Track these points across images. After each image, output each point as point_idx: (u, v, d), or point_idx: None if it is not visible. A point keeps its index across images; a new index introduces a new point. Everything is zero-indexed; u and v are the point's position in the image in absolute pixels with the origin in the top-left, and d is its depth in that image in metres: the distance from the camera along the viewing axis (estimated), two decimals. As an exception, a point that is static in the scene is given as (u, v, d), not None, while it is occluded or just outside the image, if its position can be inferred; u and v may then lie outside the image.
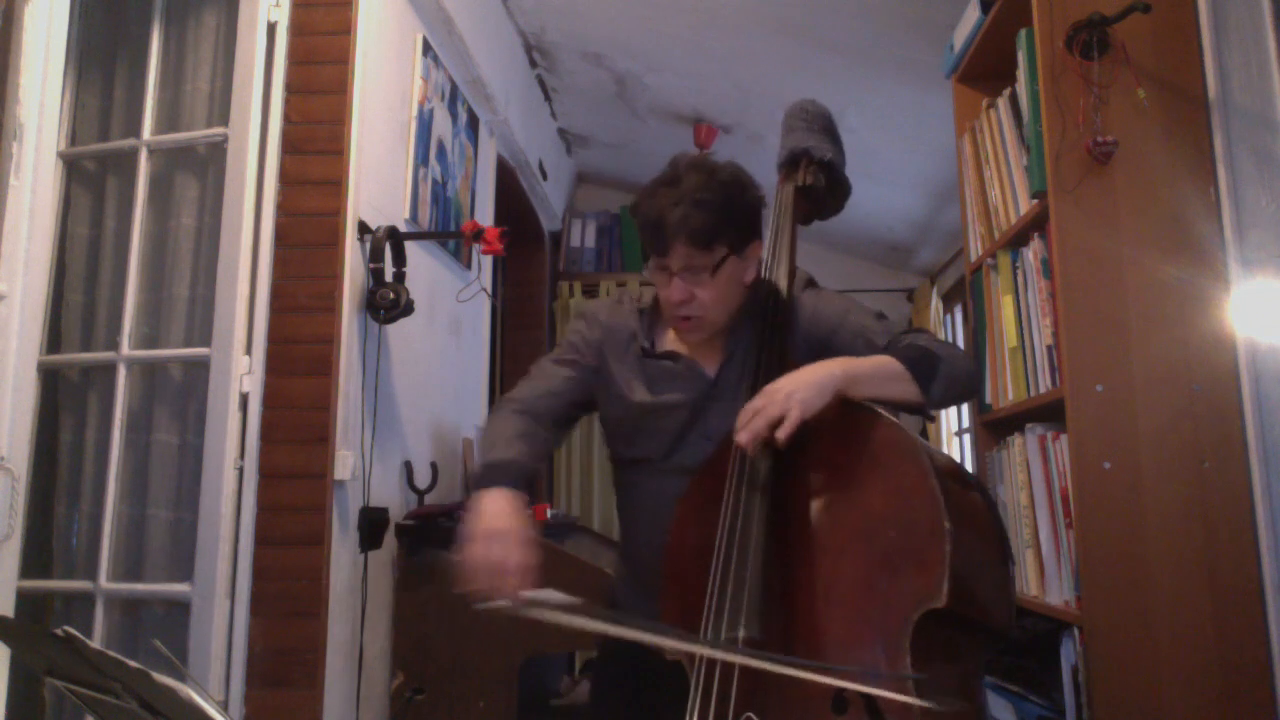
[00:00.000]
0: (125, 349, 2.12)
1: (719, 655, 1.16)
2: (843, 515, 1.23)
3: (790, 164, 1.63)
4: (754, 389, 1.34)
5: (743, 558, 1.21)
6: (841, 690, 1.10)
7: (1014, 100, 2.04)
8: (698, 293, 1.41)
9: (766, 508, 1.25)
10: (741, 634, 1.16)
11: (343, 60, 2.25)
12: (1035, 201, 1.86)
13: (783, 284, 1.50)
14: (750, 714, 1.13)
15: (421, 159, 2.77)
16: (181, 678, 0.77)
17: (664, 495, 1.43)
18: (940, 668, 1.12)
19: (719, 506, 1.29)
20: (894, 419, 1.25)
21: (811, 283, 1.57)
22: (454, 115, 3.09)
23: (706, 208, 1.37)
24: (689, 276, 1.40)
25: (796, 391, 1.24)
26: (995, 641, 1.23)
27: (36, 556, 2.07)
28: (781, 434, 1.22)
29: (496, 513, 1.31)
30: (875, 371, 1.31)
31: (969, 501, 1.21)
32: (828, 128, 1.65)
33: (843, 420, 1.28)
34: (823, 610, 1.18)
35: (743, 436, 1.25)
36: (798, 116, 1.66)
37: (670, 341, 1.53)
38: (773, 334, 1.44)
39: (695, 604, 1.24)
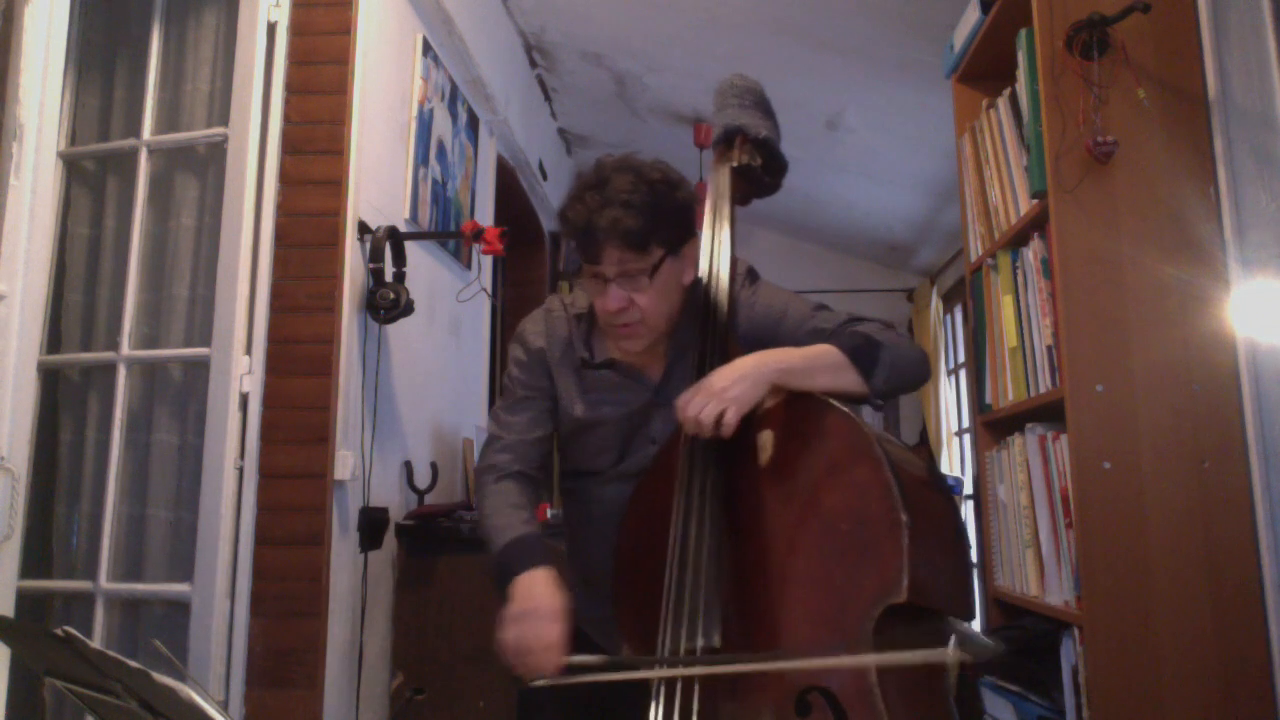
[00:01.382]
0: (125, 349, 2.12)
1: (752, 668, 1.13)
2: (797, 513, 1.20)
3: (724, 143, 1.55)
4: None
5: (697, 565, 1.19)
6: (805, 692, 1.08)
7: (1014, 100, 2.04)
8: (636, 299, 1.35)
9: (718, 511, 1.22)
10: (700, 643, 1.14)
11: (343, 60, 2.25)
12: (1035, 201, 1.86)
13: (724, 277, 1.43)
14: None
15: (421, 159, 2.77)
16: (181, 678, 0.77)
17: (614, 502, 1.41)
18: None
19: (668, 508, 1.26)
20: (847, 410, 1.22)
21: (752, 274, 1.51)
22: (454, 115, 3.09)
23: (637, 209, 1.31)
24: (625, 282, 1.34)
25: (731, 388, 1.22)
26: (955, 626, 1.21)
27: (36, 556, 2.07)
28: (725, 433, 1.21)
29: (527, 593, 1.29)
30: (814, 361, 1.28)
31: (924, 490, 1.18)
32: (760, 103, 1.57)
33: (794, 414, 1.25)
34: (782, 613, 1.16)
35: (691, 428, 1.24)
36: (729, 93, 1.58)
37: (610, 349, 1.48)
38: (715, 337, 1.38)
39: (650, 609, 1.22)
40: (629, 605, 1.32)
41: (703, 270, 1.44)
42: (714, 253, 1.45)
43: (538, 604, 1.27)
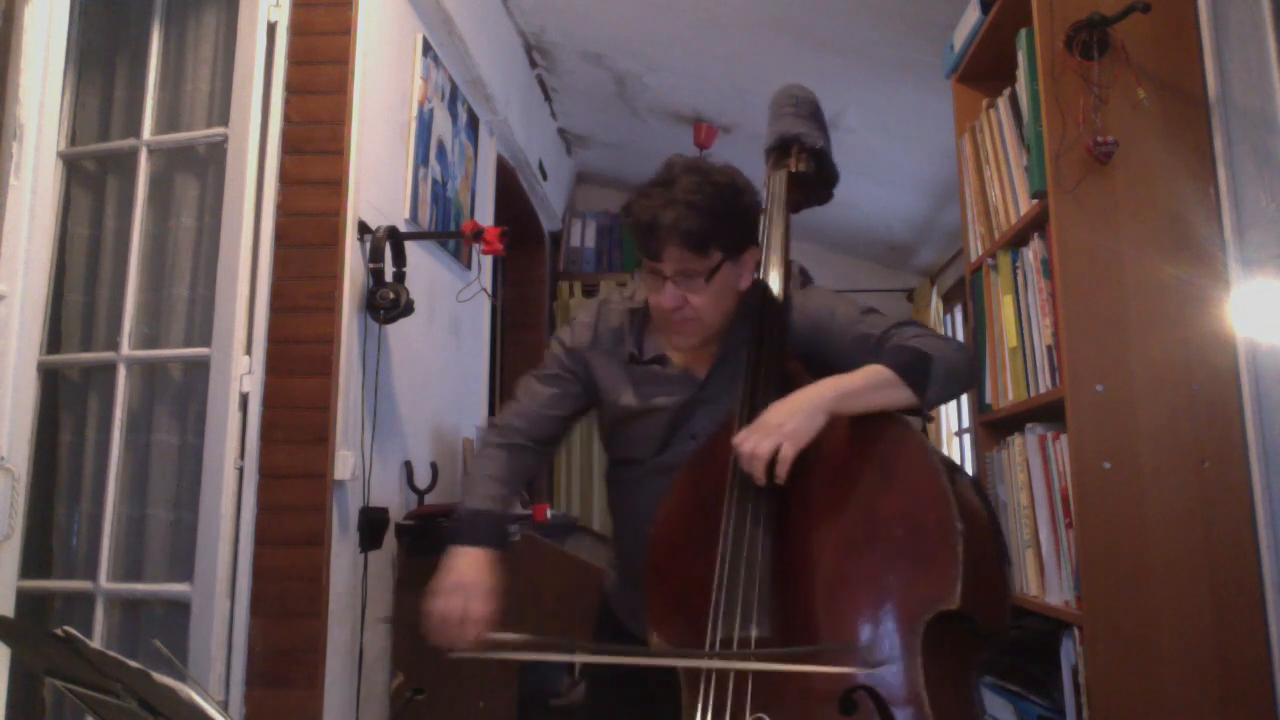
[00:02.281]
0: (125, 349, 2.12)
1: (680, 663, 1.17)
2: (850, 515, 1.22)
3: (780, 150, 1.59)
4: (748, 394, 1.34)
5: (751, 558, 1.20)
6: (851, 690, 1.09)
7: (1014, 100, 2.04)
8: (691, 299, 1.38)
9: (771, 509, 1.24)
10: (754, 633, 1.16)
11: (343, 60, 2.25)
12: (1035, 201, 1.86)
13: (777, 279, 1.46)
14: (762, 715, 1.12)
15: (421, 159, 2.77)
16: (181, 678, 0.76)
17: (651, 493, 1.43)
18: (947, 668, 1.12)
19: (707, 502, 1.28)
20: (903, 418, 1.25)
21: (805, 277, 1.55)
22: (454, 115, 3.09)
23: (701, 210, 1.33)
24: (682, 281, 1.37)
25: (786, 423, 1.22)
26: (993, 641, 1.23)
27: (36, 556, 2.07)
28: (780, 475, 1.21)
29: (462, 568, 1.35)
30: (866, 385, 1.29)
31: (973, 502, 1.21)
32: (815, 114, 1.62)
33: (850, 419, 1.27)
34: (832, 613, 1.17)
35: (762, 481, 1.23)
36: (786, 103, 1.62)
37: (660, 345, 1.52)
38: (767, 336, 1.41)
39: (685, 601, 1.23)
40: (660, 595, 1.33)
41: (758, 269, 1.47)
42: (769, 253, 1.47)
43: (466, 578, 1.33)
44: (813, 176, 1.57)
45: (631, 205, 1.39)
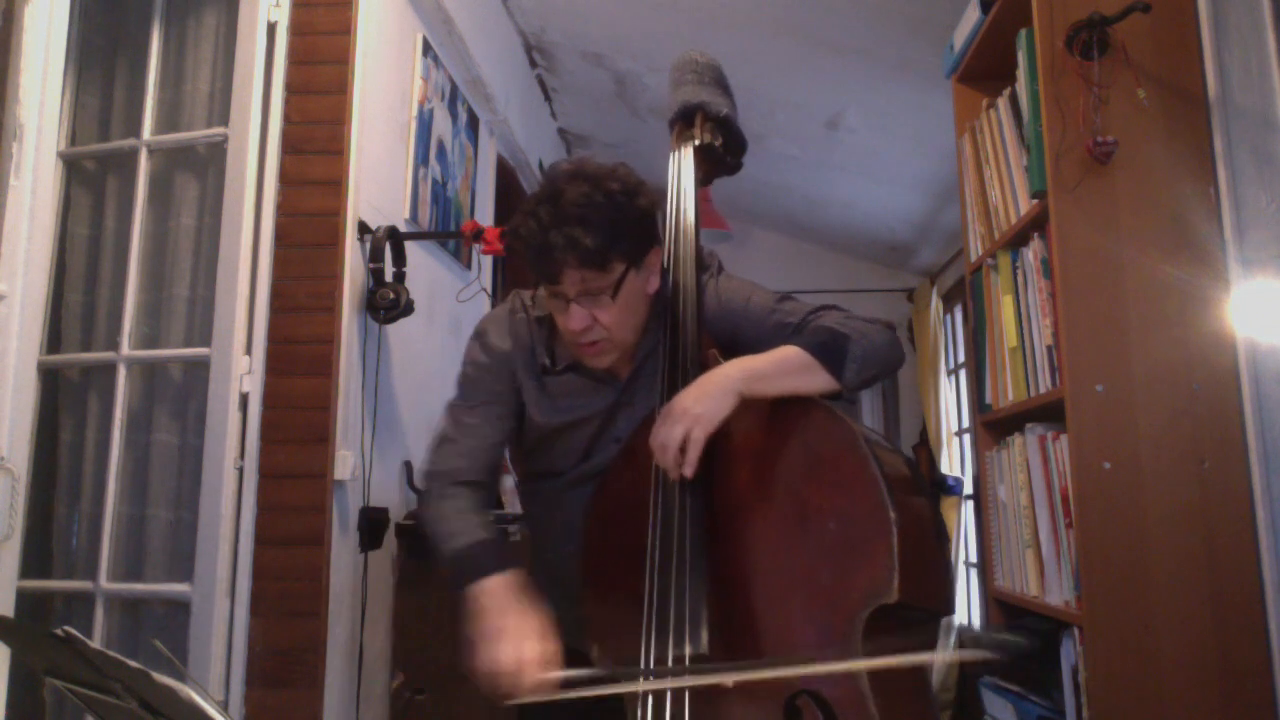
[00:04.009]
0: (125, 349, 2.12)
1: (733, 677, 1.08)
2: (779, 512, 1.16)
3: (684, 120, 1.50)
4: (666, 389, 1.27)
5: (680, 569, 1.14)
6: (794, 697, 1.06)
7: (1014, 100, 2.04)
8: (599, 316, 1.29)
9: (699, 512, 1.18)
10: (689, 650, 1.11)
11: (343, 60, 2.25)
12: (1035, 201, 1.86)
13: (690, 263, 1.35)
14: None
15: (421, 159, 2.77)
16: (181, 678, 0.76)
17: (578, 502, 1.37)
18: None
19: (637, 505, 1.22)
20: (829, 404, 1.19)
21: (717, 263, 1.47)
22: (454, 115, 3.09)
23: (594, 224, 1.23)
24: (587, 301, 1.27)
25: (693, 407, 1.16)
26: (938, 622, 1.18)
27: (36, 556, 2.07)
28: (689, 469, 1.16)
29: (495, 608, 1.22)
30: (778, 366, 1.21)
31: (908, 486, 1.14)
32: (719, 80, 1.52)
33: (773, 408, 1.21)
34: (769, 617, 1.13)
35: (675, 474, 1.17)
36: (687, 69, 1.52)
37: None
38: (682, 328, 1.32)
39: (624, 611, 1.18)
40: (599, 608, 1.28)
41: (667, 255, 1.39)
42: (679, 237, 1.38)
43: (507, 620, 1.20)
44: (720, 147, 1.47)
45: (518, 227, 1.28)
